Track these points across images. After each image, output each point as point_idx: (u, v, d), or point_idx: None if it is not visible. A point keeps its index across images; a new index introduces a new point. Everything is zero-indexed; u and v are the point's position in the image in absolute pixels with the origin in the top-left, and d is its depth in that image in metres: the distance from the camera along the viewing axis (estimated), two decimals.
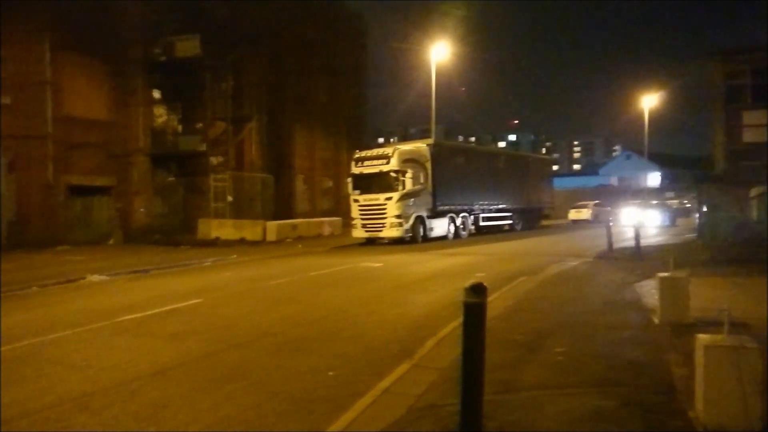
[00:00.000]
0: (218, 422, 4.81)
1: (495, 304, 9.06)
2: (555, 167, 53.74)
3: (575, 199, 45.22)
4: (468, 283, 4.30)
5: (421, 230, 24.17)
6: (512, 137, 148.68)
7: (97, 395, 5.51)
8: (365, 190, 23.95)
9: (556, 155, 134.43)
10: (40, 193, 24.07)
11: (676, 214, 36.15)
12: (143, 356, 6.90)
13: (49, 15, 23.87)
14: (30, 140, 23.61)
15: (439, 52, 31.28)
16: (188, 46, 29.05)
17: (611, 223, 20.01)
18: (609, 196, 47.89)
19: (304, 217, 32.41)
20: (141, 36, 28.13)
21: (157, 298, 11.03)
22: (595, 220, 37.46)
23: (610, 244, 17.72)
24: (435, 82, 30.59)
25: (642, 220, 27.12)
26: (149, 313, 9.53)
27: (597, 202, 42.81)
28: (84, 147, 25.79)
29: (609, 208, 38.94)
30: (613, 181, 74.33)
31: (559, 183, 49.74)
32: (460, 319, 4.26)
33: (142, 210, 28.32)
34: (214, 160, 30.90)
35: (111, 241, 25.84)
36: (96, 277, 14.44)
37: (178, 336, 7.89)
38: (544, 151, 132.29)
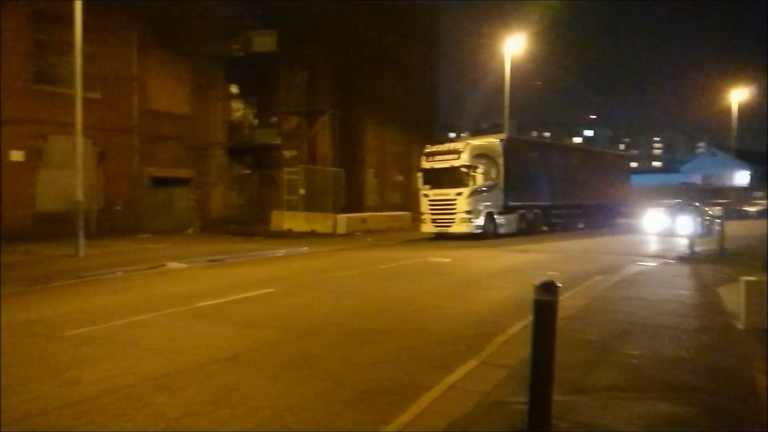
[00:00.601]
0: (287, 408, 4.92)
1: (567, 303, 8.84)
2: (633, 164, 51.72)
3: (655, 197, 43.36)
4: (539, 280, 4.22)
5: (492, 226, 23.85)
6: (588, 132, 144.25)
7: (174, 376, 5.75)
8: (435, 184, 23.87)
9: (634, 151, 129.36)
10: (125, 183, 25.34)
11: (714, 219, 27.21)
12: (218, 341, 7.15)
13: (136, 14, 25.04)
14: (117, 133, 24.88)
15: (514, 45, 30.69)
16: (265, 42, 29.85)
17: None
18: (692, 194, 45.67)
19: (374, 210, 32.65)
20: (220, 32, 29.08)
21: (231, 286, 11.40)
22: None
23: (692, 244, 16.91)
24: (509, 76, 30.07)
25: (669, 227, 24.52)
26: (224, 300, 9.87)
27: (678, 201, 40.86)
28: (166, 140, 26.95)
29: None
30: (696, 179, 70.83)
31: (637, 180, 47.90)
32: (531, 318, 4.18)
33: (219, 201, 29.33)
34: (287, 154, 31.64)
35: (189, 231, 26.89)
36: (175, 265, 15.08)
37: (251, 323, 8.13)
38: (621, 147, 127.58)
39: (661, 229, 23.44)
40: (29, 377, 5.76)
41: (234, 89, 32.01)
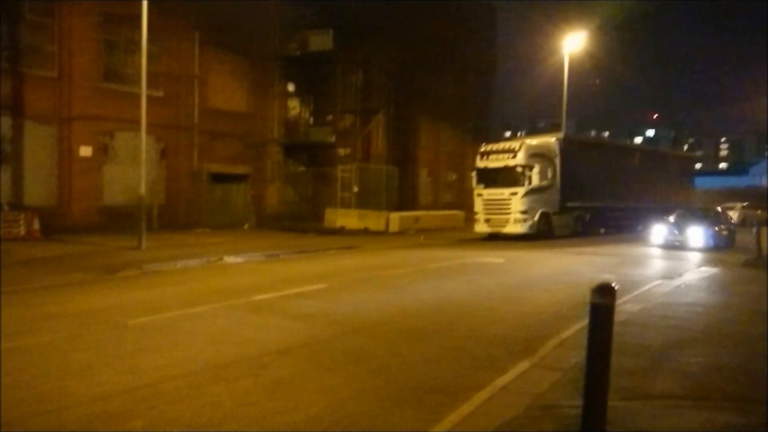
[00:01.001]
0: (339, 402, 4.99)
1: (624, 307, 8.63)
2: (697, 165, 49.78)
3: (720, 200, 41.66)
4: (595, 283, 4.14)
5: (547, 227, 23.45)
6: (650, 132, 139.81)
7: (230, 367, 5.92)
8: (490, 184, 23.64)
9: (699, 152, 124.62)
10: (186, 179, 26.14)
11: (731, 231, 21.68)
12: (272, 334, 7.31)
13: (198, 15, 25.77)
14: (179, 130, 25.69)
15: (573, 42, 30.06)
16: (321, 41, 30.19)
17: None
18: (761, 197, 43.64)
19: (427, 209, 32.59)
20: (278, 32, 29.59)
21: (285, 281, 11.62)
22: (743, 223, 34.30)
23: (760, 250, 16.16)
24: (568, 74, 29.48)
25: (676, 239, 19.99)
26: (278, 294, 10.07)
27: (746, 203, 39.09)
28: (224, 137, 27.64)
29: (760, 211, 35.49)
30: (765, 181, 67.58)
31: (702, 182, 46.13)
32: (586, 321, 4.11)
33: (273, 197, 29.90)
34: (341, 151, 31.95)
35: (246, 226, 27.51)
36: (231, 259, 15.48)
37: (305, 318, 8.27)
38: (685, 147, 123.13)
39: (666, 240, 20.00)
40: (95, 363, 6.03)
41: (290, 88, 32.52)
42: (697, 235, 19.66)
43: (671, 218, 21.61)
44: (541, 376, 5.76)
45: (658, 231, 20.69)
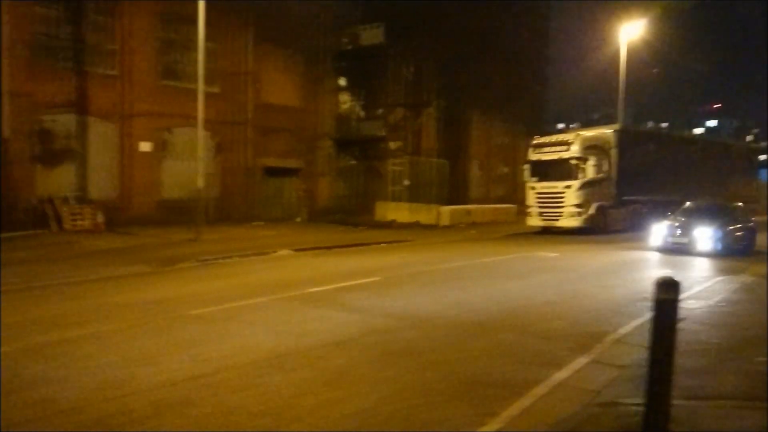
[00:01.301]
0: (393, 394, 5.03)
1: (686, 304, 8.35)
2: (762, 157, 47.70)
3: None
4: (658, 278, 4.04)
5: (602, 221, 22.91)
6: (711, 123, 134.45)
7: (288, 357, 6.04)
8: (543, 177, 23.26)
9: (765, 143, 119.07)
10: (240, 173, 26.71)
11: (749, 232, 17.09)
12: (327, 326, 7.41)
13: (253, 11, 26.23)
14: (234, 125, 26.25)
15: (631, 31, 29.19)
16: (372, 35, 30.28)
17: None
18: None
19: (478, 203, 32.34)
20: (330, 27, 29.82)
21: (338, 274, 11.74)
22: None
23: None
24: (624, 63, 28.66)
25: (679, 241, 16.15)
26: (332, 287, 10.19)
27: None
28: (277, 131, 28.09)
29: None
30: None
31: None
32: (645, 317, 4.03)
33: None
34: (392, 145, 32.00)
35: (298, 219, 27.92)
36: (285, 251, 15.75)
37: (359, 310, 8.35)
38: (749, 138, 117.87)
39: (665, 243, 16.41)
40: (159, 351, 6.26)
41: (342, 82, 32.76)
42: (704, 236, 15.76)
43: (676, 214, 17.82)
44: (599, 373, 5.66)
45: (658, 231, 16.86)
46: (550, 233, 22.77)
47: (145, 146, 23.46)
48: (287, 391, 5.08)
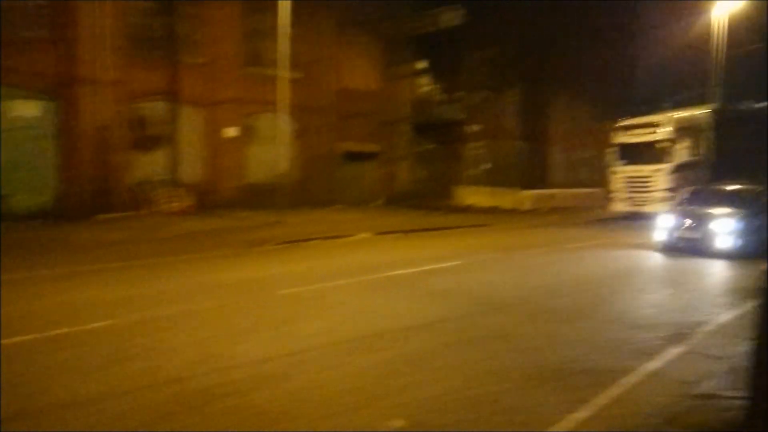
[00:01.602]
0: (479, 378, 5.05)
1: None
2: None
3: None
4: (763, 266, 3.84)
5: None
6: None
7: (374, 338, 6.17)
8: (630, 160, 22.34)
9: None
10: (321, 157, 27.19)
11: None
12: (411, 308, 7.50)
13: None
14: (315, 111, 26.68)
15: (727, 5, 27.38)
16: (451, 17, 29.86)
17: None
18: None
19: (559, 187, 31.48)
20: (409, 10, 29.68)
21: (419, 258, 11.81)
22: None
23: None
24: (722, 39, 26.97)
25: (687, 237, 12.55)
26: (414, 270, 10.28)
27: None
28: (356, 116, 28.34)
29: None
30: None
31: None
32: (743, 308, 3.83)
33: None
34: (471, 128, 31.62)
35: (377, 203, 28.18)
36: (365, 235, 15.97)
37: (442, 294, 8.39)
38: None
39: (671, 239, 12.87)
40: (253, 328, 6.55)
41: (421, 65, 32.60)
42: (723, 230, 12.05)
43: (682, 200, 14.60)
44: (694, 364, 5.46)
45: (663, 223, 13.30)
46: (637, 219, 21.89)
47: (231, 132, 24.29)
48: (374, 371, 5.20)
